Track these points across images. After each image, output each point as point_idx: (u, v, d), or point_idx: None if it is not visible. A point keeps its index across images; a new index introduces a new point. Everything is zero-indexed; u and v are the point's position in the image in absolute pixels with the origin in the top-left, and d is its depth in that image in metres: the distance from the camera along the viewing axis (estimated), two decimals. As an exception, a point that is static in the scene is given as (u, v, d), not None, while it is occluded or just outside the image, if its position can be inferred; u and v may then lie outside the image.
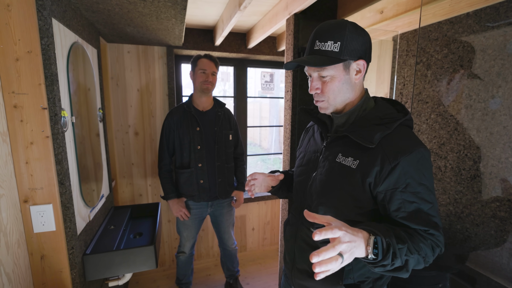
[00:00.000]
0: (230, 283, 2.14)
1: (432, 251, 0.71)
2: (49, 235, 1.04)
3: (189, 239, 1.91)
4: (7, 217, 0.91)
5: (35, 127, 0.97)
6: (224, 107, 1.90)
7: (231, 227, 2.01)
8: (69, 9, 1.18)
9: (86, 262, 1.20)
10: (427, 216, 0.70)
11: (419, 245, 0.68)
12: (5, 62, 0.91)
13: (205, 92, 1.75)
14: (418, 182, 0.70)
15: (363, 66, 0.77)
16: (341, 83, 0.77)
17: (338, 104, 0.80)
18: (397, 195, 0.71)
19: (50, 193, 1.02)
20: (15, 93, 0.93)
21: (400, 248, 0.64)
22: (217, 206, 1.92)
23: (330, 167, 0.80)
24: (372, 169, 0.72)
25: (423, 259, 0.69)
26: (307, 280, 0.87)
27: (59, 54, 1.05)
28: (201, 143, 1.77)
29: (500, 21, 1.18)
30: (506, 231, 1.18)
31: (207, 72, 1.72)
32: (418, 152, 0.71)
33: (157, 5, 1.23)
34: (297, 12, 1.42)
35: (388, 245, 0.63)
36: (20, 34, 0.91)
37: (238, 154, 1.98)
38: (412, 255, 0.66)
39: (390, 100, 0.84)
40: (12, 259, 0.93)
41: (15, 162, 0.97)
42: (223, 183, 1.86)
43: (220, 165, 1.83)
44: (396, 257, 0.63)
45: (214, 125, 1.81)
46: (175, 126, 1.77)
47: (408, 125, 0.78)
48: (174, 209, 1.82)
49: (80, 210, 1.21)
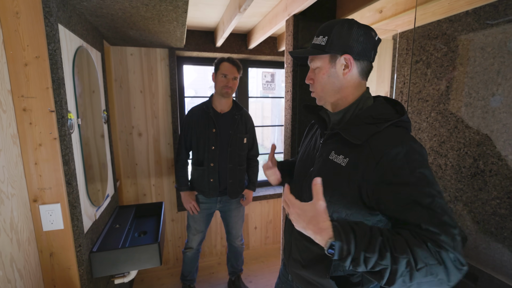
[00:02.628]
0: (233, 280, 2.18)
1: (434, 257, 0.57)
2: (57, 233, 1.08)
3: (197, 233, 1.96)
4: (18, 215, 0.95)
5: (43, 129, 1.00)
6: (242, 110, 1.93)
7: (239, 224, 2.06)
8: (74, 15, 1.21)
9: (93, 259, 1.24)
10: (425, 210, 0.61)
11: (407, 247, 0.58)
12: (15, 67, 0.94)
13: (225, 96, 1.80)
14: (407, 174, 0.64)
15: (350, 62, 0.77)
16: (326, 75, 0.80)
17: (327, 96, 0.83)
18: (384, 189, 0.66)
19: (58, 193, 1.05)
20: (24, 96, 0.97)
21: (368, 256, 0.59)
22: (225, 202, 1.97)
23: (323, 164, 0.82)
24: (359, 168, 0.71)
25: (415, 267, 0.57)
26: (300, 270, 0.89)
27: (65, 58, 1.09)
28: (216, 144, 1.82)
29: (500, 19, 1.19)
30: (506, 228, 1.19)
31: (228, 77, 1.76)
32: (406, 145, 0.66)
33: (158, 9, 1.26)
34: (296, 13, 1.44)
35: (348, 251, 0.60)
36: (28, 40, 0.94)
37: (253, 155, 2.03)
38: (396, 264, 0.57)
39: (391, 101, 0.82)
40: (23, 256, 0.97)
41: (25, 163, 1.00)
42: (234, 184, 1.91)
43: (232, 167, 1.88)
44: (358, 264, 0.60)
45: (230, 128, 1.85)
46: (194, 125, 1.84)
47: (404, 126, 0.75)
48: (185, 201, 1.91)
49: (87, 209, 1.25)
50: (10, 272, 0.89)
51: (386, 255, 0.58)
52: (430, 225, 0.60)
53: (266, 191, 2.72)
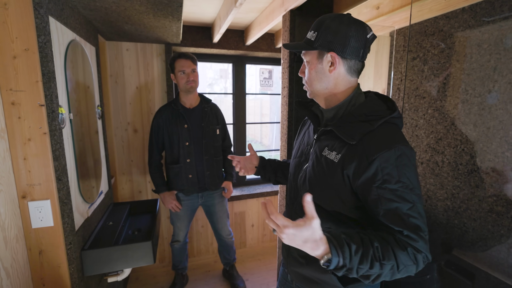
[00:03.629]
0: (227, 269, 2.23)
1: (411, 259, 0.66)
2: (47, 230, 1.06)
3: (182, 228, 2.00)
4: (5, 212, 0.93)
5: (32, 124, 0.98)
6: (210, 103, 1.97)
7: (225, 218, 2.07)
8: (67, 7, 1.19)
9: (84, 257, 1.22)
10: (406, 217, 0.67)
11: (393, 255, 0.65)
12: (3, 60, 0.92)
13: (191, 91, 1.81)
14: (396, 180, 0.68)
15: (335, 60, 0.77)
16: (314, 70, 0.81)
17: (316, 91, 0.83)
18: (373, 191, 0.69)
19: (48, 189, 1.03)
20: (12, 90, 0.94)
21: (360, 268, 0.65)
22: (207, 197, 1.99)
23: (316, 160, 0.81)
24: (351, 164, 0.72)
25: (397, 269, 0.66)
26: (300, 268, 0.88)
27: (57, 51, 1.07)
28: (189, 139, 1.85)
29: (496, 16, 1.18)
30: (503, 226, 1.18)
31: (187, 71, 1.77)
32: (398, 149, 0.69)
33: (153, 2, 1.24)
34: (293, 9, 1.42)
35: (344, 265, 0.64)
36: (17, 32, 0.92)
37: (226, 146, 2.06)
38: (382, 269, 0.65)
39: (382, 96, 0.83)
40: (10, 254, 0.94)
41: (13, 158, 0.98)
42: (212, 175, 1.93)
43: (208, 159, 1.91)
44: (351, 273, 0.66)
45: (201, 121, 1.88)
46: (164, 124, 1.84)
47: (395, 123, 0.76)
48: (166, 202, 1.90)
49: (78, 206, 1.23)
50: (-3, 269, 0.87)
51: (375, 264, 0.65)
52: (410, 232, 0.67)
53: (263, 189, 2.70)
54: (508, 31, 1.15)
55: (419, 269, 0.69)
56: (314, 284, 0.87)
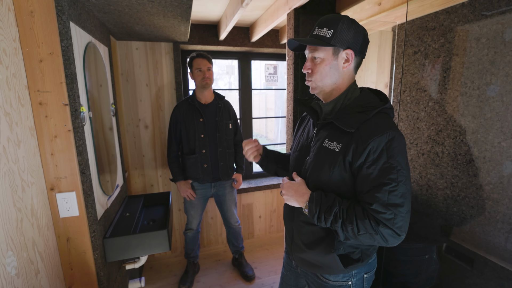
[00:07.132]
0: (236, 258, 2.35)
1: (373, 227, 0.76)
2: (73, 219, 1.15)
3: (196, 216, 2.14)
4: (37, 203, 1.02)
5: (58, 122, 1.07)
6: (223, 100, 2.11)
7: (233, 207, 2.22)
8: (84, 12, 1.26)
9: (106, 244, 1.31)
10: (384, 193, 0.75)
11: (354, 219, 0.77)
12: (31, 64, 1.00)
13: (206, 87, 1.97)
14: (384, 160, 0.76)
15: (351, 56, 0.85)
16: (328, 66, 0.86)
17: (324, 86, 0.89)
18: (363, 170, 0.79)
19: (73, 182, 1.12)
20: (40, 91, 1.03)
21: (326, 217, 0.81)
22: (219, 187, 2.14)
23: (318, 151, 0.89)
24: (349, 149, 0.80)
25: (358, 232, 0.77)
26: (304, 253, 0.97)
27: (77, 54, 1.14)
28: (204, 132, 1.99)
29: (494, 10, 1.22)
30: (498, 212, 1.24)
31: (203, 69, 1.92)
32: (389, 134, 0.77)
33: (164, 5, 1.31)
34: (297, 7, 1.48)
35: (315, 210, 0.83)
36: (42, 37, 1.00)
37: (238, 141, 2.20)
38: (345, 227, 0.79)
39: (375, 91, 0.92)
40: (43, 240, 1.04)
41: (42, 154, 1.07)
42: (225, 166, 2.08)
43: (221, 151, 2.05)
44: (321, 222, 0.83)
45: (216, 116, 2.03)
46: (181, 118, 1.99)
47: (387, 113, 0.85)
48: (181, 190, 2.05)
49: (99, 198, 1.32)
50: (33, 254, 0.97)
51: (338, 220, 0.80)
52: (379, 206, 0.75)
53: (270, 181, 2.78)
54: (506, 25, 1.19)
55: (392, 244, 0.78)
56: (317, 268, 0.95)
